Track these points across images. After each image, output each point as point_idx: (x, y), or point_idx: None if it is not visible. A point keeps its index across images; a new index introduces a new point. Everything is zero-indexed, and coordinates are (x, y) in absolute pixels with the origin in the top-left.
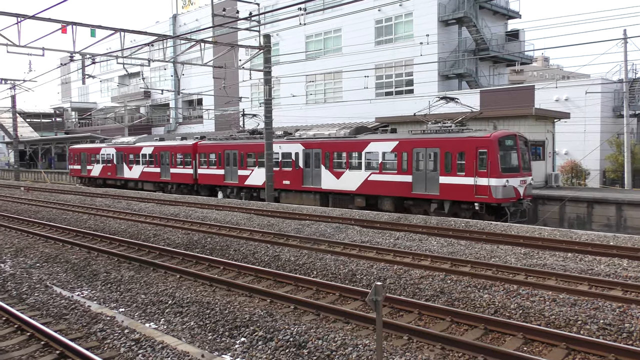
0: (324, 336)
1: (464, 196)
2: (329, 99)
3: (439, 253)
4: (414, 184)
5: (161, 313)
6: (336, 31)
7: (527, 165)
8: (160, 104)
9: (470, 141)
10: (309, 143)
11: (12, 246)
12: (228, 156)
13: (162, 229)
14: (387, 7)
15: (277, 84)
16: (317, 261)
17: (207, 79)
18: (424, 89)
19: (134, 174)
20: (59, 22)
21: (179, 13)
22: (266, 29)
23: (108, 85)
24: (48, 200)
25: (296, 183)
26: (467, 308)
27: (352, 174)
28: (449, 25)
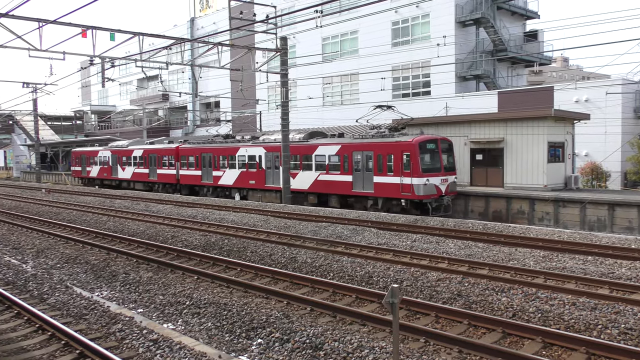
0: (340, 338)
1: (393, 193)
2: (346, 100)
3: (456, 255)
4: (354, 183)
5: (179, 314)
6: (352, 33)
7: (450, 165)
8: (178, 106)
9: (397, 145)
10: (270, 147)
11: (34, 247)
12: (204, 159)
13: (180, 230)
14: (403, 9)
15: (293, 86)
16: (334, 263)
17: (225, 82)
18: (441, 90)
19: (126, 175)
20: (79, 27)
21: (197, 16)
22: (283, 31)
23: (127, 88)
24: (68, 201)
25: (260, 182)
26: (484, 311)
27: (304, 174)
28: (466, 26)
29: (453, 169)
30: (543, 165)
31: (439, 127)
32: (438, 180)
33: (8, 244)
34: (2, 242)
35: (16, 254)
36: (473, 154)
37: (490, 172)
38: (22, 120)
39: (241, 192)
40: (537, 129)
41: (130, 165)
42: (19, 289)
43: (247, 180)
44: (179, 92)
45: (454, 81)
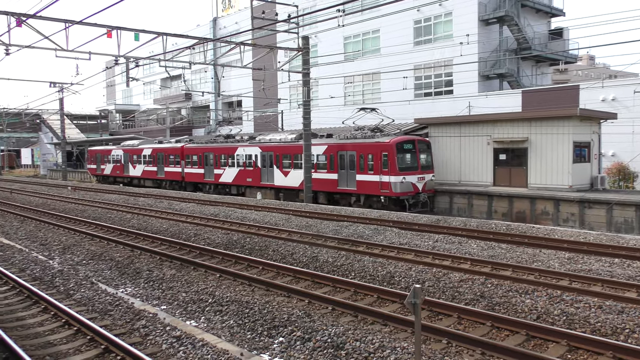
0: (361, 338)
1: (373, 191)
2: (367, 100)
3: (479, 256)
4: (339, 180)
5: (201, 311)
6: (374, 32)
7: (427, 164)
8: (200, 105)
9: (377, 145)
10: (265, 146)
11: (60, 244)
12: (207, 157)
13: (202, 228)
14: (426, 7)
15: (315, 86)
16: (355, 263)
17: (247, 81)
18: (463, 89)
19: (137, 173)
20: (104, 27)
21: (219, 16)
22: (304, 30)
23: (151, 88)
24: (94, 199)
25: (256, 180)
26: (508, 313)
27: (295, 172)
28: (489, 24)
29: (430, 167)
30: (568, 165)
31: (462, 127)
32: (415, 178)
33: (36, 240)
34: (30, 238)
35: (43, 250)
36: (496, 154)
37: (514, 172)
38: (49, 119)
39: (239, 189)
40: (562, 128)
41: (141, 163)
42: (46, 285)
43: (244, 178)
44: (202, 91)
45: (476, 80)
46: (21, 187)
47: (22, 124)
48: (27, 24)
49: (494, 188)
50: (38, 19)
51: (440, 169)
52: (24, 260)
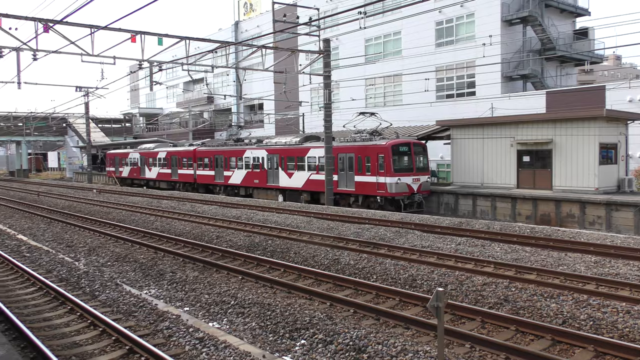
0: (383, 341)
1: (370, 191)
2: (389, 102)
3: (503, 259)
4: (339, 181)
5: (224, 313)
6: (396, 34)
7: (423, 166)
8: (222, 108)
9: (374, 148)
10: (271, 149)
11: (86, 245)
12: (217, 160)
13: (224, 231)
14: (448, 9)
15: (336, 88)
16: (377, 265)
17: (268, 84)
18: (486, 91)
19: (152, 175)
20: (129, 32)
21: (241, 20)
22: (326, 33)
23: (173, 92)
24: (118, 202)
25: (263, 182)
26: (533, 317)
27: (299, 174)
28: (512, 25)
29: (426, 169)
30: (594, 167)
31: (484, 129)
32: (410, 179)
33: (62, 242)
34: (56, 240)
35: (69, 251)
36: (520, 156)
37: (538, 174)
38: (75, 123)
39: (247, 191)
40: (587, 129)
41: (156, 166)
42: (72, 286)
43: (252, 179)
44: (224, 94)
45: (499, 81)
46: (48, 190)
47: (49, 128)
48: (54, 30)
49: (517, 190)
50: (65, 24)
51: (463, 171)
52: (51, 261)
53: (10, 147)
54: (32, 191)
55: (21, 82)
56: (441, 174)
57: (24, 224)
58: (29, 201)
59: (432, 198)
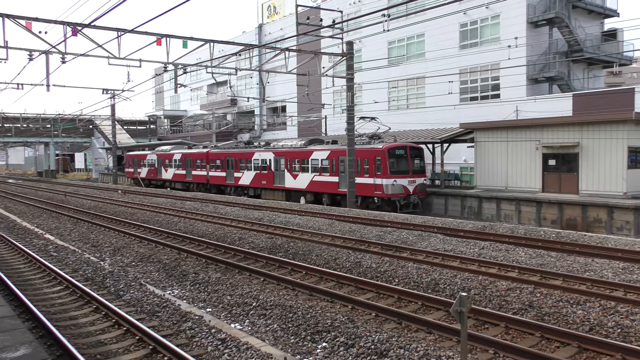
0: (406, 345)
1: (368, 192)
2: (412, 105)
3: (527, 264)
4: (340, 183)
5: (246, 314)
6: (419, 36)
7: (419, 169)
8: (245, 111)
9: (371, 151)
10: (277, 152)
11: (111, 245)
12: (228, 162)
13: (247, 232)
14: (472, 10)
15: (359, 91)
16: (399, 269)
17: (291, 87)
18: (511, 93)
19: (168, 176)
20: (154, 35)
21: (265, 23)
22: (349, 36)
23: (197, 94)
24: (142, 202)
25: (270, 183)
26: (558, 324)
27: (303, 175)
28: (538, 26)
29: (422, 172)
30: (622, 171)
31: (509, 132)
32: (405, 181)
33: (88, 242)
34: (82, 240)
35: (95, 251)
36: (545, 159)
37: (564, 178)
38: (101, 125)
39: (255, 191)
40: (615, 133)
41: (172, 167)
42: (97, 285)
43: (260, 180)
44: (247, 97)
45: (525, 84)
46: (74, 191)
47: (76, 129)
48: (82, 34)
49: (542, 194)
50: (92, 28)
51: (486, 174)
52: (77, 261)
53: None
54: (60, 191)
55: (50, 84)
56: (464, 177)
57: (51, 224)
58: (57, 201)
59: (455, 201)
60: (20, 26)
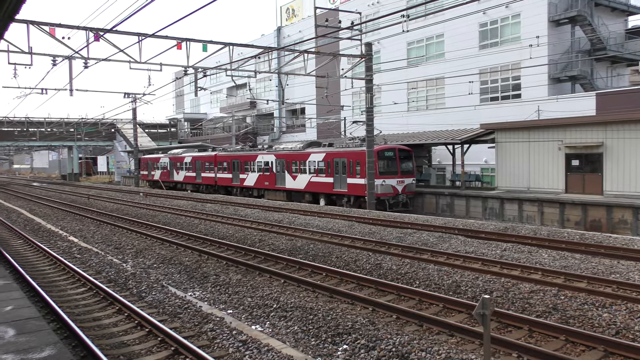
0: (427, 348)
1: (360, 192)
2: (431, 105)
3: (551, 267)
4: (334, 183)
5: (266, 316)
6: (438, 37)
7: (407, 170)
8: (265, 113)
9: (362, 153)
10: (278, 154)
11: (133, 247)
12: (234, 164)
13: (267, 234)
14: (492, 10)
15: (378, 92)
16: (420, 271)
17: (310, 89)
18: (532, 93)
19: (180, 178)
20: (174, 39)
21: (283, 25)
22: (368, 37)
23: (217, 97)
24: (163, 205)
25: (272, 184)
26: (583, 327)
27: (302, 176)
28: (560, 25)
29: (411, 173)
30: None
31: (531, 132)
32: (394, 181)
33: (110, 244)
34: (105, 242)
35: (117, 253)
36: (568, 160)
37: (588, 179)
38: (123, 128)
39: (259, 192)
40: None
41: (183, 169)
42: (120, 287)
43: (263, 181)
44: (266, 99)
45: (546, 83)
46: (97, 193)
47: (99, 133)
48: (104, 39)
49: (566, 195)
50: (114, 33)
51: (508, 175)
52: (100, 263)
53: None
54: (83, 194)
55: (73, 89)
56: (485, 178)
57: (75, 226)
58: (80, 204)
59: (476, 203)
60: (44, 32)
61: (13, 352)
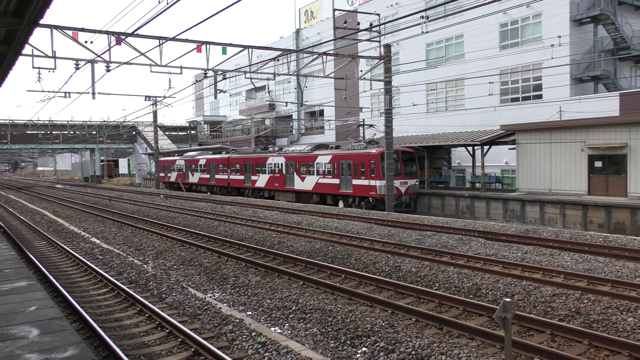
0: (447, 351)
1: (364, 192)
2: (450, 107)
3: (574, 270)
4: (340, 184)
5: (285, 318)
6: (458, 37)
7: (410, 171)
8: (284, 115)
9: (366, 155)
10: (288, 156)
11: (154, 249)
12: (246, 166)
13: (285, 236)
14: (513, 10)
15: (397, 93)
16: (439, 273)
17: (329, 91)
18: (554, 94)
19: (194, 179)
20: (194, 42)
21: (302, 27)
22: (386, 38)
23: (237, 99)
24: (183, 207)
25: (282, 185)
26: (607, 331)
27: (310, 178)
28: (582, 24)
29: (414, 174)
30: None
31: (552, 133)
32: (397, 182)
33: (132, 246)
34: (126, 243)
35: (138, 254)
36: (591, 161)
37: (612, 180)
38: (144, 131)
39: (270, 193)
40: None
41: (197, 171)
42: (141, 288)
43: (273, 183)
44: (285, 101)
45: (568, 84)
46: (119, 195)
47: (120, 136)
48: (125, 42)
49: (589, 197)
50: (135, 37)
51: (529, 177)
52: (122, 264)
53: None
54: (105, 196)
55: (95, 92)
56: (506, 180)
57: (97, 228)
58: (102, 206)
59: (497, 205)
60: (67, 36)
61: (37, 352)
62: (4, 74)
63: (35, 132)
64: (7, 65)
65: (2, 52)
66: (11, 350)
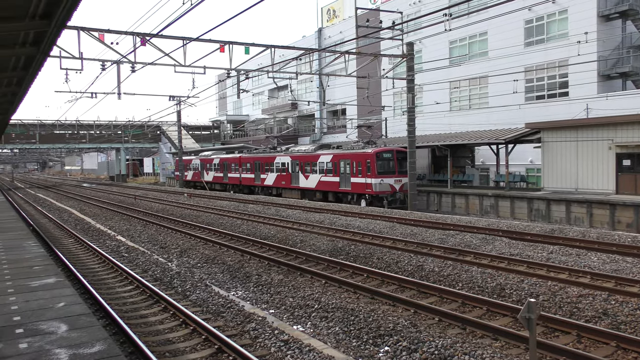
0: (470, 352)
1: (361, 190)
2: (474, 105)
3: (601, 270)
4: (341, 182)
5: (307, 317)
6: (482, 35)
7: (405, 170)
8: (306, 114)
9: (363, 155)
10: (294, 156)
11: (178, 247)
12: (256, 165)
13: (308, 235)
14: (538, 6)
15: (419, 92)
16: (463, 273)
17: (351, 89)
18: (580, 91)
19: (209, 178)
20: (217, 42)
21: (324, 26)
22: (409, 37)
23: (259, 99)
24: (207, 205)
25: (288, 183)
26: (636, 333)
27: (313, 176)
28: (610, 20)
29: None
30: None
31: (579, 131)
32: (392, 180)
33: (156, 244)
34: (151, 241)
35: (163, 252)
36: (619, 159)
37: None
38: (168, 131)
39: (277, 191)
40: None
41: (212, 170)
42: (166, 285)
43: (280, 181)
44: (307, 100)
45: (595, 81)
46: (143, 194)
47: (145, 135)
48: (150, 43)
49: (616, 196)
50: (160, 37)
51: (555, 175)
52: (147, 262)
53: (110, 154)
54: (130, 195)
55: (121, 92)
56: (531, 179)
57: (122, 226)
58: (127, 204)
59: (521, 204)
60: (94, 38)
61: (66, 347)
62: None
63: (62, 132)
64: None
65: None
66: (41, 345)
